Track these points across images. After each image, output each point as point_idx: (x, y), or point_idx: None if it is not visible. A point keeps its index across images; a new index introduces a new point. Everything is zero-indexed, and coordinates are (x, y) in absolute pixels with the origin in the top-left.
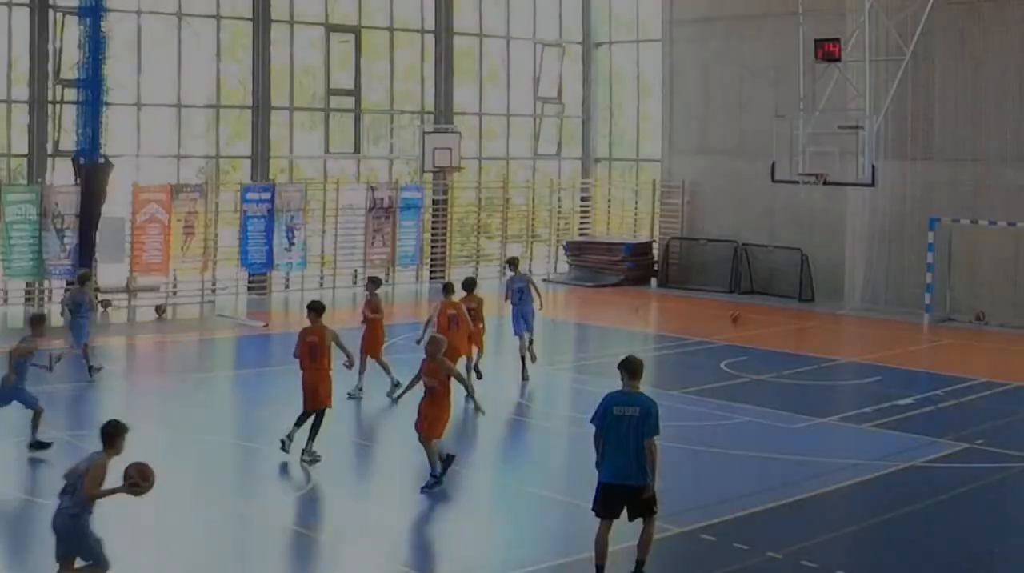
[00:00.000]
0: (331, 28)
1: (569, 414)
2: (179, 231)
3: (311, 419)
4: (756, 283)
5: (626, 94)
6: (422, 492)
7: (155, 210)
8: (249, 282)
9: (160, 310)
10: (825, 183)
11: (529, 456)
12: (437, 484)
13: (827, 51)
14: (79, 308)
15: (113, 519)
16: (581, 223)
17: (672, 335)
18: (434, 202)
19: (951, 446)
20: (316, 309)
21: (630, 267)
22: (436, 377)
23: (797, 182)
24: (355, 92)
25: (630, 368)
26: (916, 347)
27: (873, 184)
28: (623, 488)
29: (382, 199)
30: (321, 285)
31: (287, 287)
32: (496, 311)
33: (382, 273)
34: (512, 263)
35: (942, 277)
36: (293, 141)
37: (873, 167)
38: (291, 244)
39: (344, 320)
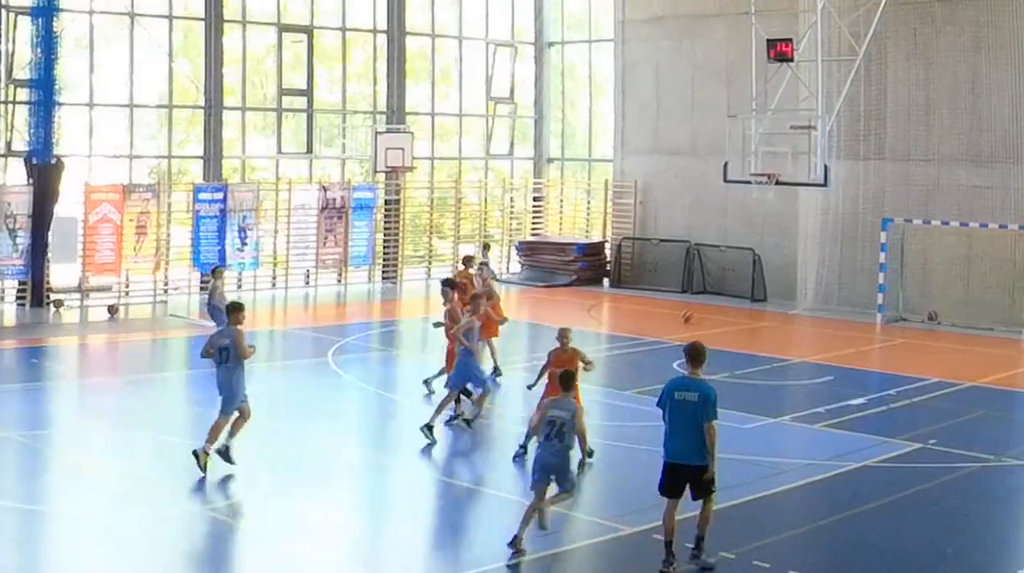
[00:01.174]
0: (283, 28)
1: (523, 414)
2: (131, 231)
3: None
4: (709, 283)
5: (578, 94)
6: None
7: (107, 210)
8: (202, 282)
9: (113, 310)
10: (777, 183)
11: (482, 456)
12: None
13: (780, 51)
14: None
15: (64, 519)
16: (533, 223)
17: (624, 335)
18: (386, 202)
19: (904, 446)
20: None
21: (582, 267)
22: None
23: (750, 182)
24: (308, 92)
25: (692, 355)
26: (869, 347)
27: (826, 184)
28: (685, 468)
29: (334, 199)
30: (274, 285)
31: (239, 287)
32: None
33: (334, 273)
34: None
35: (894, 277)
36: (246, 141)
37: (826, 167)
38: (244, 244)
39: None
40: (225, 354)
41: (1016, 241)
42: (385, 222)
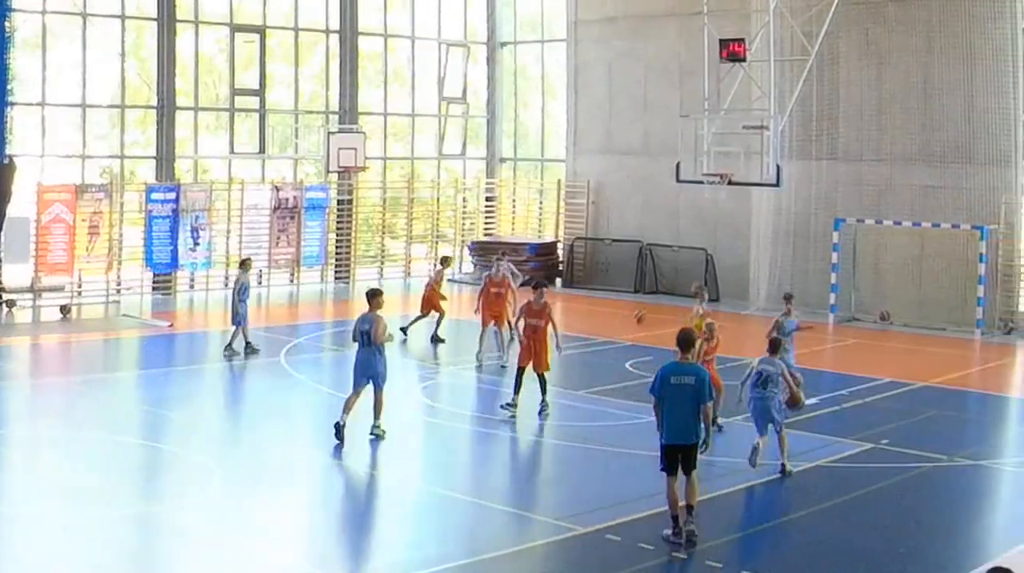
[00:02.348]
0: (236, 28)
1: (474, 414)
2: (84, 231)
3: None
4: (661, 283)
5: (531, 94)
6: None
7: (60, 210)
8: (154, 282)
9: (65, 310)
10: (730, 183)
11: (434, 456)
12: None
13: (732, 51)
14: None
15: (17, 519)
16: (486, 223)
17: (577, 335)
18: (339, 202)
19: (856, 446)
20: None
21: (535, 267)
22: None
23: (702, 182)
24: (260, 92)
25: (684, 341)
26: (821, 347)
27: (778, 184)
28: (681, 447)
29: (287, 199)
30: (226, 285)
31: (192, 287)
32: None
33: (286, 273)
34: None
35: (847, 277)
36: (198, 141)
37: (778, 167)
38: (196, 244)
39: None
40: (365, 337)
41: (968, 241)
42: (338, 222)
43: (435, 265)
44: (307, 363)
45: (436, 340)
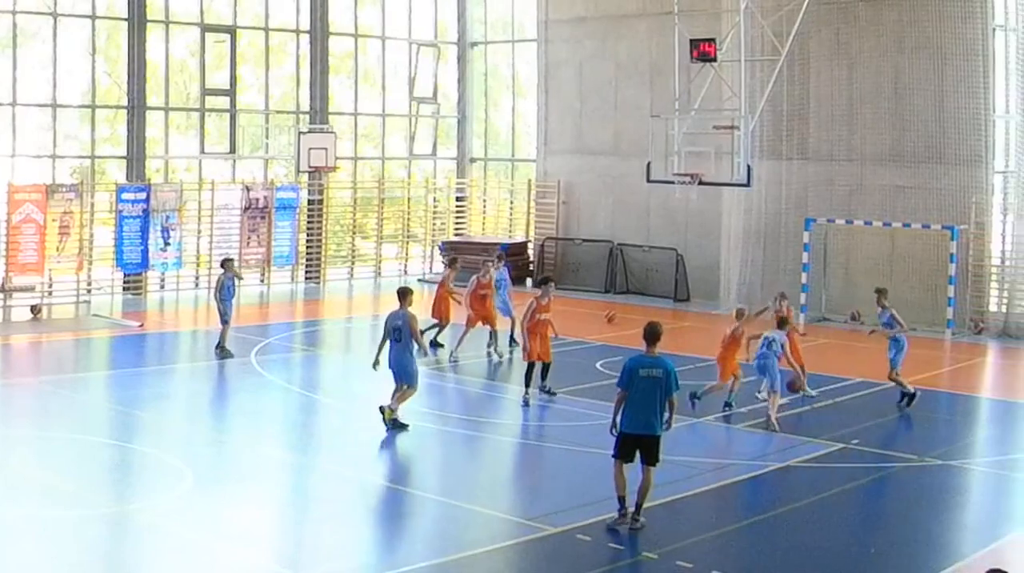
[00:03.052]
0: (206, 28)
1: (442, 414)
2: (54, 231)
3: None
4: (632, 283)
5: (502, 94)
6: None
7: (30, 210)
8: (125, 282)
9: (35, 310)
10: (700, 183)
11: (401, 456)
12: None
13: (703, 51)
14: None
15: None
16: (456, 223)
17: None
18: (309, 202)
19: (827, 446)
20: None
21: (505, 267)
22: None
23: (672, 182)
24: (231, 92)
25: (650, 334)
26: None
27: (748, 184)
28: (643, 437)
29: (257, 199)
30: (196, 285)
31: (163, 287)
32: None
33: (257, 273)
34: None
35: (817, 277)
36: (169, 141)
37: (748, 167)
38: (167, 244)
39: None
40: (397, 334)
41: (939, 241)
42: (308, 222)
43: (444, 267)
44: (277, 363)
45: (435, 345)
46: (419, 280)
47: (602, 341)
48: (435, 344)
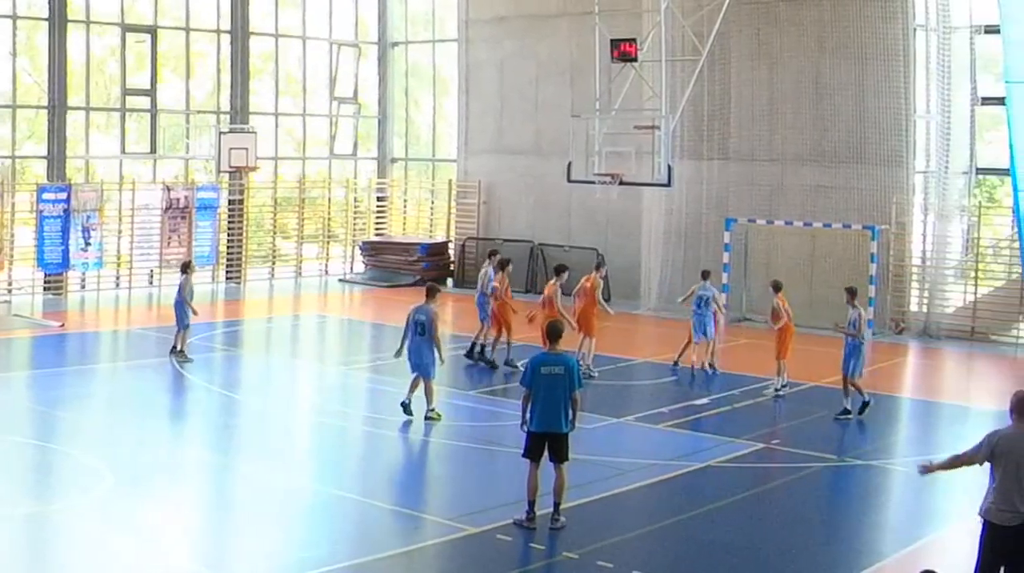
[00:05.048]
0: (127, 28)
1: (364, 414)
2: None
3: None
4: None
5: (423, 94)
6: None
7: None
8: (45, 282)
9: None
10: (621, 183)
11: (324, 456)
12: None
13: (623, 51)
14: None
15: None
16: (377, 223)
17: (468, 335)
18: (230, 202)
19: (747, 446)
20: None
21: (426, 267)
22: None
23: (593, 182)
24: (151, 92)
25: (552, 332)
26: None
27: (669, 184)
28: (549, 435)
29: (178, 199)
30: (117, 285)
31: (83, 287)
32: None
33: (177, 273)
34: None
35: (738, 277)
36: (89, 141)
37: (669, 167)
38: (87, 244)
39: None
40: (421, 328)
41: (860, 241)
42: (229, 222)
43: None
44: (198, 363)
45: (510, 364)
46: (340, 280)
47: (523, 341)
48: (508, 363)
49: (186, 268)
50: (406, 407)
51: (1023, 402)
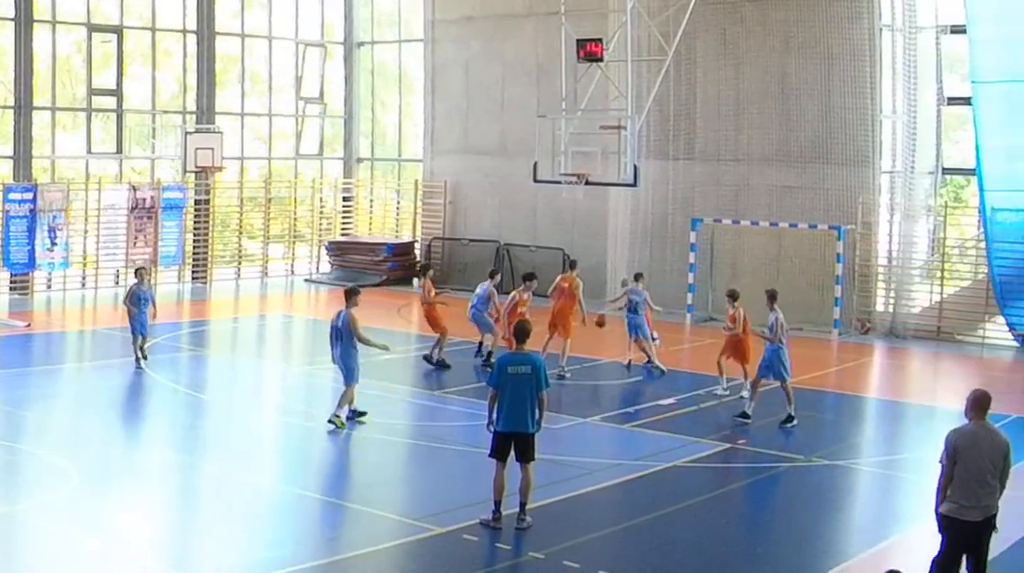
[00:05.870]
0: (93, 28)
1: (329, 414)
2: None
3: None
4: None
5: (389, 94)
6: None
7: None
8: (11, 282)
9: None
10: (587, 183)
11: (289, 456)
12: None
13: (589, 51)
14: None
15: None
16: (343, 223)
17: (433, 335)
18: (196, 202)
19: (713, 446)
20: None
21: (392, 267)
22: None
23: (559, 182)
24: (117, 92)
25: (519, 332)
26: (678, 347)
27: (635, 184)
28: (515, 434)
29: (144, 199)
30: (83, 285)
31: (49, 287)
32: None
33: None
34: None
35: (704, 277)
36: (55, 141)
37: (635, 167)
38: (53, 244)
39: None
40: (336, 333)
41: (826, 241)
42: (195, 222)
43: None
44: (164, 363)
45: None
46: (306, 280)
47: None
48: (441, 364)
49: (136, 274)
50: (355, 413)
51: (979, 400)
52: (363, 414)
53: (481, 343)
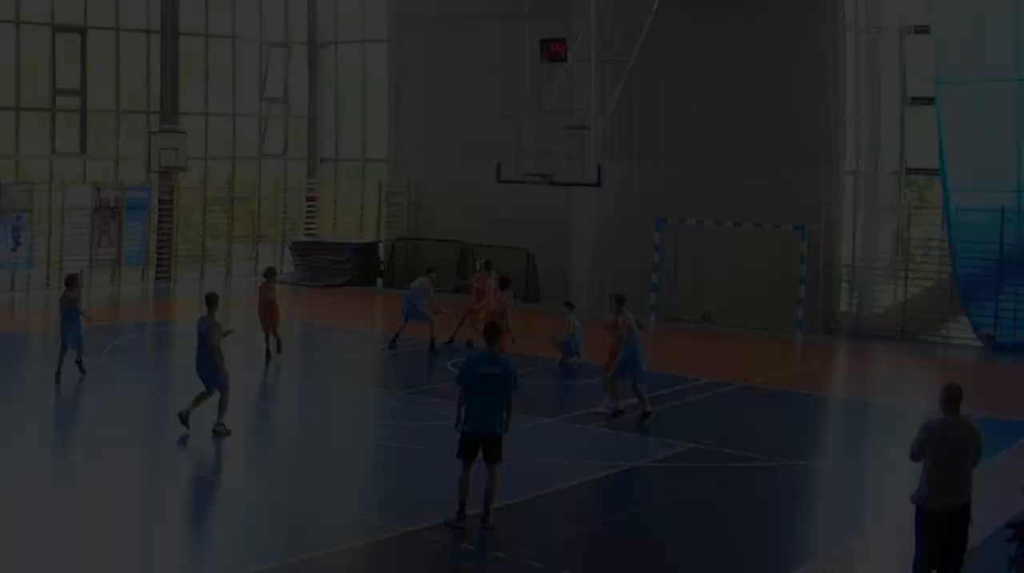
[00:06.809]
0: (57, 28)
1: (292, 414)
2: None
3: None
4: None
5: (352, 94)
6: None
7: None
8: None
9: None
10: (551, 183)
11: (252, 456)
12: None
13: (553, 51)
14: None
15: None
16: (307, 223)
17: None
18: (160, 202)
19: (677, 446)
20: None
21: (356, 267)
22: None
23: (523, 182)
24: (81, 92)
25: (489, 333)
26: (642, 346)
27: (599, 184)
28: (483, 435)
29: (108, 199)
30: (48, 285)
31: (13, 287)
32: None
33: (108, 273)
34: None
35: (668, 277)
36: (19, 141)
37: (599, 167)
38: (17, 244)
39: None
40: (200, 340)
41: (789, 241)
42: (159, 222)
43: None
44: (128, 364)
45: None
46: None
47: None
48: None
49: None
50: (183, 417)
51: (952, 394)
52: (187, 425)
53: (433, 339)
